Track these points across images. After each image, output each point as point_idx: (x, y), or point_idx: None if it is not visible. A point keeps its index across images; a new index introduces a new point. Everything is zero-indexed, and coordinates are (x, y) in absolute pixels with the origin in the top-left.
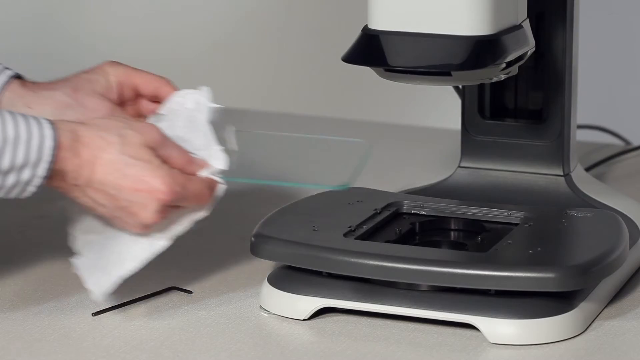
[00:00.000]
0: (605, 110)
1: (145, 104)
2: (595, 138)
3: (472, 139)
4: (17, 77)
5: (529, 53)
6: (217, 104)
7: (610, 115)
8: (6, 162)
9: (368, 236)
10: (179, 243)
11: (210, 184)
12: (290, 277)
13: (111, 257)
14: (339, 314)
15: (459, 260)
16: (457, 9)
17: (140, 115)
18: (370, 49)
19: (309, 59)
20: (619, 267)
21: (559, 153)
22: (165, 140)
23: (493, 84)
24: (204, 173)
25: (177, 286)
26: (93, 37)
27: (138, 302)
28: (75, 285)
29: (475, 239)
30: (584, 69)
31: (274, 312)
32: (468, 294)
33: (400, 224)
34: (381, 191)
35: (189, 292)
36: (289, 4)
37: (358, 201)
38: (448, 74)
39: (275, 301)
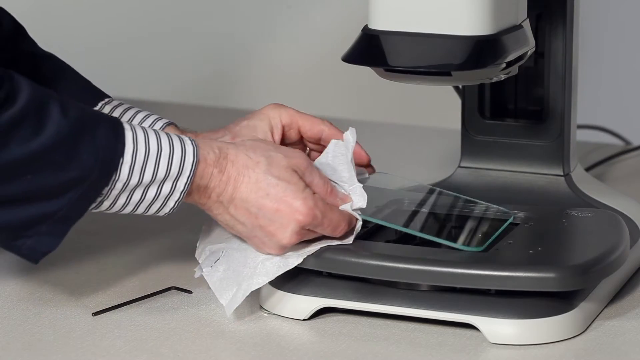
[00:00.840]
0: (605, 110)
1: (310, 146)
2: (595, 138)
3: (472, 139)
4: (172, 124)
5: (529, 53)
6: (219, 104)
7: (610, 115)
8: (148, 175)
9: (369, 236)
10: (179, 243)
11: (349, 218)
12: (290, 277)
13: (244, 271)
14: (339, 314)
15: (459, 260)
16: (457, 9)
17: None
18: (370, 49)
19: (309, 59)
20: (620, 267)
21: (559, 153)
22: (310, 166)
23: (493, 84)
24: (344, 207)
25: (177, 286)
26: (90, 37)
27: (138, 302)
28: (76, 285)
29: None
30: (584, 69)
31: (274, 312)
32: (468, 294)
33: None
34: (382, 188)
35: (189, 292)
36: (289, 3)
37: None
38: (448, 74)
39: (275, 301)
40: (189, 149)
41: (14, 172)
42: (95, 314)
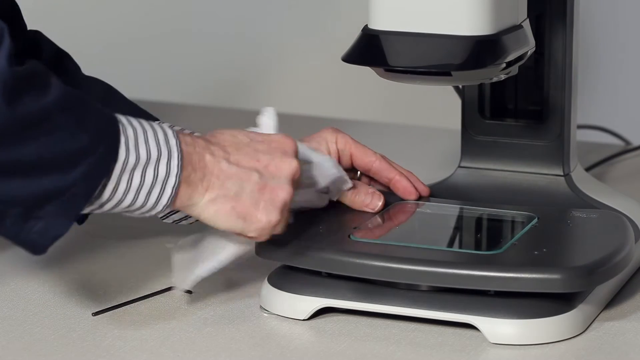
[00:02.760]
0: (605, 110)
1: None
2: (595, 138)
3: (472, 139)
4: None
5: (529, 53)
6: (219, 103)
7: (610, 115)
8: (143, 153)
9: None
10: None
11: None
12: (290, 277)
13: (199, 256)
14: (339, 314)
15: (462, 261)
16: (457, 9)
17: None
18: (370, 49)
19: (309, 59)
20: (625, 268)
21: (559, 153)
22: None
23: (493, 84)
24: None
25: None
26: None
27: (138, 302)
28: (76, 285)
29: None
30: (584, 69)
31: (274, 312)
32: (468, 294)
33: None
34: (384, 191)
35: (189, 292)
36: (289, 3)
37: None
38: (448, 74)
39: (275, 301)
40: (168, 130)
41: (28, 129)
42: (95, 314)
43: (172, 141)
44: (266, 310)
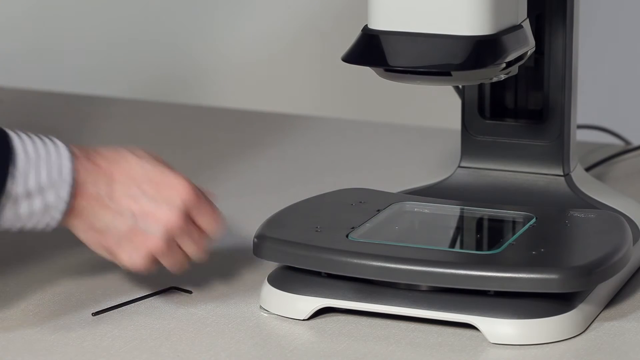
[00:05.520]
0: (605, 110)
1: None
2: (595, 138)
3: (472, 139)
4: None
5: (529, 53)
6: (220, 104)
7: (610, 115)
8: (32, 183)
9: (368, 236)
10: None
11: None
12: (290, 277)
13: None
14: (339, 314)
15: (461, 261)
16: (457, 9)
17: None
18: (370, 49)
19: (309, 59)
20: (622, 269)
21: (559, 153)
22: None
23: (493, 84)
24: None
25: (177, 286)
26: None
27: (138, 302)
28: (75, 285)
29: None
30: (584, 69)
31: (274, 312)
32: (468, 294)
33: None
34: (383, 192)
35: (189, 292)
36: (289, 3)
37: (360, 202)
38: (448, 74)
39: (275, 301)
40: (63, 151)
41: None
42: (95, 314)
43: (66, 169)
44: (266, 310)
